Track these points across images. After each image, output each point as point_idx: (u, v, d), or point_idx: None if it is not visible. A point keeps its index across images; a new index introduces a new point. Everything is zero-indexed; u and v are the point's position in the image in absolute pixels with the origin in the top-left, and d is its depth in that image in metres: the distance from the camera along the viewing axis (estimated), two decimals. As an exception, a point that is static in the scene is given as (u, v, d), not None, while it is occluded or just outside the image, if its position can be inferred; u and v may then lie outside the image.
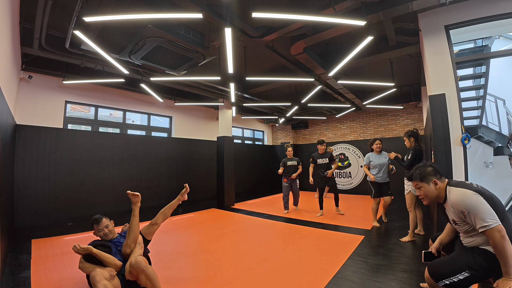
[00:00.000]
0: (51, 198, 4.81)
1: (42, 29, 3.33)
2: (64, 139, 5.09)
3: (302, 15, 2.80)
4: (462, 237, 1.72)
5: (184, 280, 2.52)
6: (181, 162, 7.30)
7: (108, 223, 2.32)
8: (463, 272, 1.53)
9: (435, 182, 1.70)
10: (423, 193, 1.76)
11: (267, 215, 5.53)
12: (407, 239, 3.54)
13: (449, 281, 1.54)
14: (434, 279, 1.58)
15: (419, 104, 7.62)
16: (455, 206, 1.61)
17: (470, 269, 1.53)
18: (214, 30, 3.73)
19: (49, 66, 4.92)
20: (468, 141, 2.82)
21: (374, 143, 4.39)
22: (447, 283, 1.54)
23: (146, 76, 5.00)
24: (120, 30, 3.88)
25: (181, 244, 3.68)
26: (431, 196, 1.73)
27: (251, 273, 2.66)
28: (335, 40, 4.27)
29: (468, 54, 5.35)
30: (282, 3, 3.57)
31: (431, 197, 1.74)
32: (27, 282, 2.44)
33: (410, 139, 3.75)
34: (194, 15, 2.67)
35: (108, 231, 2.29)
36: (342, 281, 2.45)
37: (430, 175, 1.72)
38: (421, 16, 3.26)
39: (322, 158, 5.40)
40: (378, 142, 4.38)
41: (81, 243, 2.07)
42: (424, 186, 1.74)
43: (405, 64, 5.44)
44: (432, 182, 1.71)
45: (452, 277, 1.54)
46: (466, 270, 1.53)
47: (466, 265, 1.54)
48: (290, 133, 10.97)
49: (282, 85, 6.42)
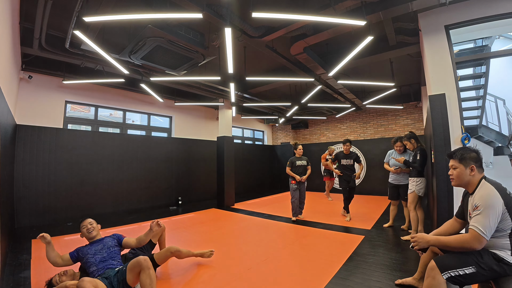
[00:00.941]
0: (51, 198, 4.81)
1: (42, 29, 3.33)
2: (64, 139, 5.09)
3: (302, 15, 2.80)
4: None
5: (184, 280, 2.52)
6: (181, 162, 7.30)
7: (92, 221, 2.47)
8: (470, 266, 1.53)
9: (472, 168, 1.68)
10: (456, 174, 1.74)
11: (267, 215, 5.53)
12: (408, 238, 3.55)
13: (454, 273, 1.53)
14: (440, 269, 1.56)
15: (419, 104, 7.62)
16: (477, 199, 1.60)
17: (477, 265, 1.52)
18: (214, 30, 3.73)
19: (49, 66, 4.93)
20: (468, 141, 2.82)
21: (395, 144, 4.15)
22: (452, 275, 1.53)
23: (146, 76, 5.00)
24: (120, 30, 3.88)
25: (181, 244, 3.67)
26: (462, 179, 1.72)
27: (251, 273, 2.66)
28: (335, 40, 4.27)
29: (468, 54, 5.34)
30: (282, 3, 3.57)
31: (462, 180, 1.72)
32: (27, 282, 2.44)
33: (411, 141, 3.79)
34: (194, 15, 2.67)
35: (92, 227, 2.41)
36: (342, 281, 2.45)
37: (471, 159, 1.69)
38: (421, 16, 3.26)
39: (347, 159, 4.91)
40: (398, 144, 4.07)
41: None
42: (460, 167, 1.72)
43: (405, 64, 5.44)
44: (469, 168, 1.69)
45: (458, 269, 1.53)
46: (473, 266, 1.52)
47: (473, 261, 1.54)
48: (290, 133, 10.97)
49: (282, 85, 6.43)
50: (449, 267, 1.55)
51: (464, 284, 1.56)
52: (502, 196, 1.53)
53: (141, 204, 6.17)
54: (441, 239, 1.67)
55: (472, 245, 1.52)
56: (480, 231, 1.49)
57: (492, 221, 1.49)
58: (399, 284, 2.32)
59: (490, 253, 1.56)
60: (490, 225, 1.49)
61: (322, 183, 9.68)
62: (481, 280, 1.57)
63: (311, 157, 10.13)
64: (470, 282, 1.55)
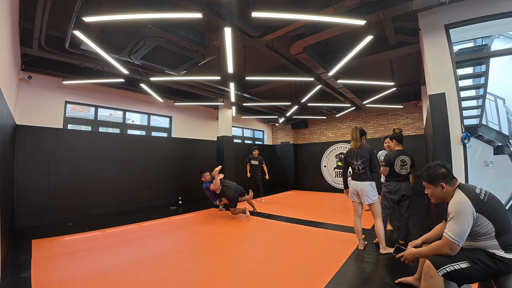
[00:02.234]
0: (51, 198, 4.81)
1: (41, 29, 3.33)
2: (64, 139, 5.09)
3: (302, 15, 2.80)
4: None
5: (184, 280, 2.53)
6: (181, 162, 7.29)
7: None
8: (463, 261, 1.56)
9: (442, 186, 1.72)
10: (430, 193, 1.81)
11: (267, 215, 5.53)
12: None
13: (449, 268, 1.55)
14: (435, 266, 1.59)
15: (419, 103, 7.62)
16: (449, 206, 1.67)
17: (470, 260, 1.55)
18: (213, 30, 3.72)
19: (48, 66, 4.92)
20: (468, 140, 2.82)
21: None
22: (448, 271, 1.55)
23: (146, 76, 5.00)
24: (120, 30, 3.87)
25: (181, 244, 3.69)
26: (437, 197, 1.78)
27: (251, 273, 2.66)
28: (335, 40, 4.27)
29: (468, 53, 5.34)
30: (281, 3, 3.57)
31: (438, 198, 1.78)
32: (28, 282, 2.44)
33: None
34: (193, 15, 2.67)
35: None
36: (342, 281, 2.45)
37: (438, 178, 1.73)
38: (420, 15, 3.26)
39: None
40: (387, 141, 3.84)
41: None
42: (431, 187, 1.78)
43: (405, 63, 5.44)
44: (439, 186, 1.74)
45: (452, 264, 1.56)
46: (466, 261, 1.56)
47: (465, 256, 1.58)
48: (290, 132, 10.97)
49: (282, 85, 6.42)
50: (443, 263, 1.58)
51: (463, 281, 1.57)
52: (473, 202, 1.57)
53: (141, 204, 6.17)
54: (422, 250, 1.77)
55: (445, 250, 1.59)
56: (450, 237, 1.57)
57: (462, 227, 1.55)
58: (399, 283, 2.32)
59: (481, 250, 1.59)
60: (461, 231, 1.55)
61: (322, 183, 9.73)
62: (479, 278, 1.58)
63: (311, 156, 10.17)
64: (468, 279, 1.56)
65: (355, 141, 3.28)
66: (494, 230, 1.54)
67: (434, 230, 1.96)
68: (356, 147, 3.27)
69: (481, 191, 1.64)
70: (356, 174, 3.29)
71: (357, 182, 3.24)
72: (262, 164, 7.21)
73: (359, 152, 3.23)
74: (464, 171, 2.82)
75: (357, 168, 3.26)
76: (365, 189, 3.16)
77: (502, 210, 1.58)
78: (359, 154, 3.22)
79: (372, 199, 3.16)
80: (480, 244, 1.60)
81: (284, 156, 10.63)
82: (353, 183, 3.30)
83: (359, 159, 3.22)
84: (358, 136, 3.26)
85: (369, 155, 3.19)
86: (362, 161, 3.20)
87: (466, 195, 1.61)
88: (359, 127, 3.31)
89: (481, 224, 1.56)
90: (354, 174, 3.33)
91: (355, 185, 3.26)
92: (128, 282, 2.47)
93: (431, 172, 1.76)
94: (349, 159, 3.34)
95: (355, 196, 3.29)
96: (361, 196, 3.23)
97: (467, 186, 1.70)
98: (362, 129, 3.31)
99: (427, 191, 1.83)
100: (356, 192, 3.25)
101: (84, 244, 3.62)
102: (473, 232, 1.59)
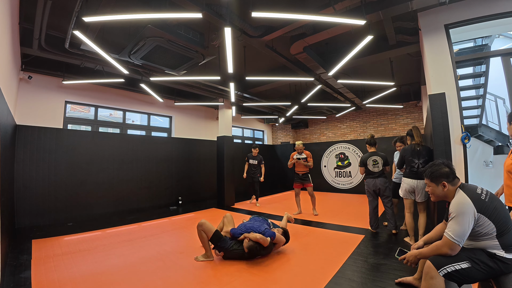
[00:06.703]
0: (51, 198, 4.81)
1: (41, 29, 3.32)
2: (64, 139, 5.09)
3: (302, 15, 2.80)
4: None
5: (184, 280, 2.53)
6: (181, 162, 7.30)
7: None
8: (464, 261, 1.56)
9: (444, 185, 1.73)
10: (431, 191, 1.82)
11: (267, 215, 5.53)
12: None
13: (450, 269, 1.55)
14: (436, 266, 1.58)
15: (419, 103, 7.62)
16: (450, 206, 1.67)
17: (471, 260, 1.55)
18: (213, 30, 3.72)
19: (48, 66, 4.92)
20: (468, 140, 2.82)
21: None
22: (449, 271, 1.55)
23: (146, 76, 5.00)
24: (120, 30, 3.87)
25: (181, 244, 3.69)
26: (437, 195, 1.79)
27: (251, 273, 2.66)
28: (335, 40, 4.27)
29: (468, 53, 5.34)
30: (281, 3, 3.57)
31: (438, 196, 1.79)
32: (28, 282, 2.44)
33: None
34: (193, 15, 2.67)
35: None
36: (342, 281, 2.46)
37: (441, 176, 1.74)
38: (420, 15, 3.26)
39: None
40: (398, 144, 4.29)
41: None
42: (432, 185, 1.79)
43: (405, 63, 5.44)
44: (441, 185, 1.74)
45: (453, 264, 1.56)
46: (467, 261, 1.56)
47: (466, 256, 1.58)
48: (290, 132, 10.97)
49: (282, 85, 6.42)
50: (444, 263, 1.58)
51: (463, 282, 1.57)
52: (474, 203, 1.57)
53: (141, 204, 6.17)
54: (423, 251, 1.76)
55: (445, 250, 1.59)
56: (451, 237, 1.57)
57: (463, 227, 1.55)
58: (399, 283, 2.32)
59: (482, 250, 1.59)
60: (462, 231, 1.55)
61: (322, 183, 9.71)
62: (480, 278, 1.58)
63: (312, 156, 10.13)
64: (468, 279, 1.56)
65: (419, 138, 3.42)
66: (495, 230, 1.54)
67: (435, 230, 1.97)
68: (419, 145, 3.39)
69: (482, 191, 1.64)
70: (413, 172, 3.37)
71: (415, 180, 3.34)
72: (261, 164, 6.96)
73: (421, 150, 3.35)
74: (464, 171, 2.82)
75: (417, 167, 3.35)
76: (423, 187, 3.27)
77: (503, 210, 1.59)
78: (422, 153, 3.34)
79: (426, 196, 3.31)
80: (481, 244, 1.60)
81: (284, 156, 10.62)
82: (410, 181, 3.38)
83: (421, 158, 3.33)
84: (420, 134, 3.44)
85: (430, 155, 3.32)
86: (424, 160, 3.30)
87: (468, 195, 1.61)
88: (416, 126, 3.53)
89: (483, 224, 1.56)
90: (411, 172, 3.39)
91: (412, 183, 3.35)
92: (128, 282, 2.47)
93: (435, 170, 1.77)
94: (409, 157, 3.43)
95: (410, 194, 3.41)
96: (417, 193, 3.35)
97: (468, 186, 1.70)
98: None
99: (427, 188, 1.84)
100: (413, 189, 3.36)
101: (84, 244, 3.62)
102: (474, 232, 1.59)
